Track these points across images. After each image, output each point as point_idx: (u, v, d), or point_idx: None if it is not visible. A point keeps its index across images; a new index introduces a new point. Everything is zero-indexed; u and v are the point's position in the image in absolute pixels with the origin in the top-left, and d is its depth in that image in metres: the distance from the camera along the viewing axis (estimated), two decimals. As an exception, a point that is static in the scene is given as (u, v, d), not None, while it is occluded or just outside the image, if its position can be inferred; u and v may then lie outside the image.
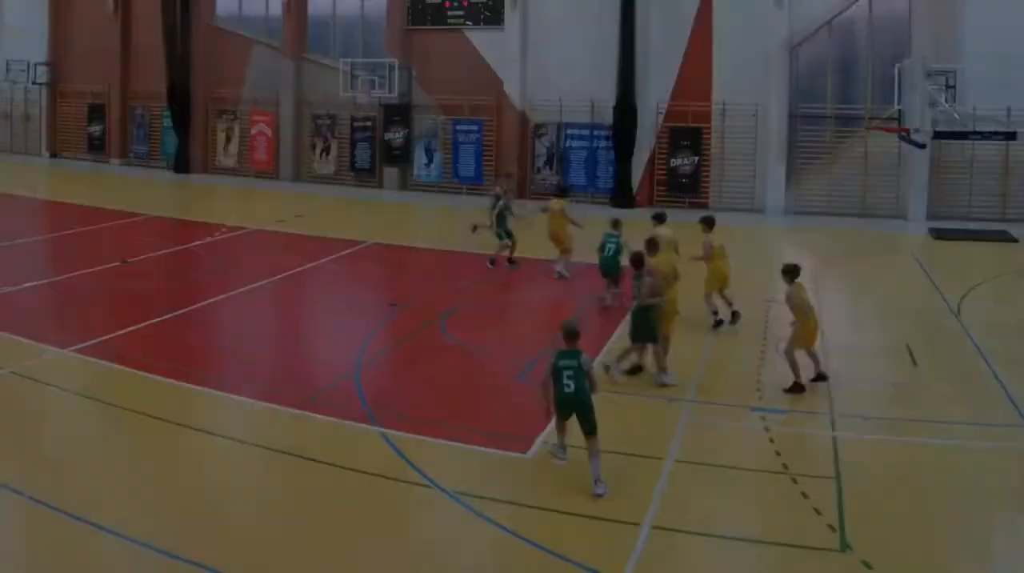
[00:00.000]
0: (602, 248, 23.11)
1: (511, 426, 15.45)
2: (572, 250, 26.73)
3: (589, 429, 13.35)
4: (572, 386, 13.38)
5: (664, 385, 17.47)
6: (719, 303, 21.60)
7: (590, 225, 26.44)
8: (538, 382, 14.19)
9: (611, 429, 14.30)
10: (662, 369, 17.78)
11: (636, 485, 13.26)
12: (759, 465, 14.04)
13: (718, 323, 21.34)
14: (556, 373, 13.48)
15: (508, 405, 16.75)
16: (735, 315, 21.60)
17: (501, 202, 28.00)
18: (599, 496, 12.90)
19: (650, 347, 17.94)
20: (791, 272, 17.62)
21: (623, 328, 19.78)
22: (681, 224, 24.17)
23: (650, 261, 18.35)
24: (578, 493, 12.93)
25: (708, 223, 22.08)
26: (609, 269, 23.19)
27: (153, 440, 14.82)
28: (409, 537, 11.95)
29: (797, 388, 17.12)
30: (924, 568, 11.37)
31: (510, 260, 27.98)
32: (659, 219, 22.81)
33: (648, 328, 17.61)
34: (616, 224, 23.58)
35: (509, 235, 27.83)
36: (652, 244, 18.96)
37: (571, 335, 13.79)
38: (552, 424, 14.15)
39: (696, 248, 21.78)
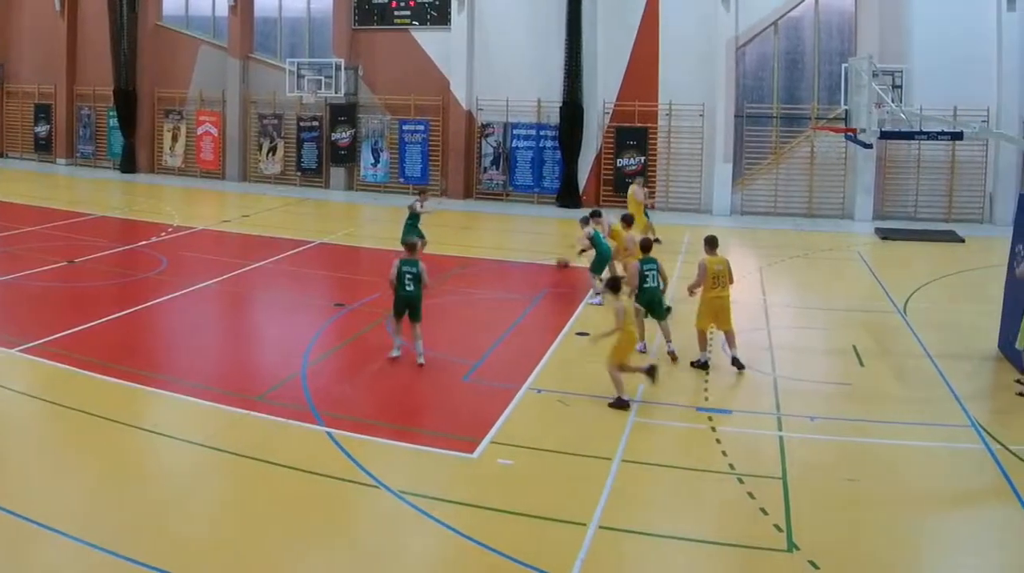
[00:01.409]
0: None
1: (458, 427, 14.87)
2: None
3: (417, 318, 17.74)
4: (412, 286, 17.62)
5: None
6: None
7: (539, 225, 26.28)
8: (387, 281, 17.87)
9: (559, 430, 14.57)
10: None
11: (583, 485, 12.80)
12: (706, 465, 13.57)
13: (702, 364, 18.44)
14: (399, 276, 17.57)
15: (455, 405, 16.16)
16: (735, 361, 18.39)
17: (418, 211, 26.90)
18: (422, 365, 17.24)
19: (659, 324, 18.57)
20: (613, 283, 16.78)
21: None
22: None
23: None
24: (526, 494, 12.56)
25: (586, 220, 22.25)
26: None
27: (99, 440, 14.20)
28: (356, 537, 11.68)
29: (620, 404, 15.70)
30: (870, 568, 10.93)
31: None
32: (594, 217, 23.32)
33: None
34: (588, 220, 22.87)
35: (421, 236, 25.98)
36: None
37: (410, 247, 18.43)
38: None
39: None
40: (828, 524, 11.85)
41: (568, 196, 40.49)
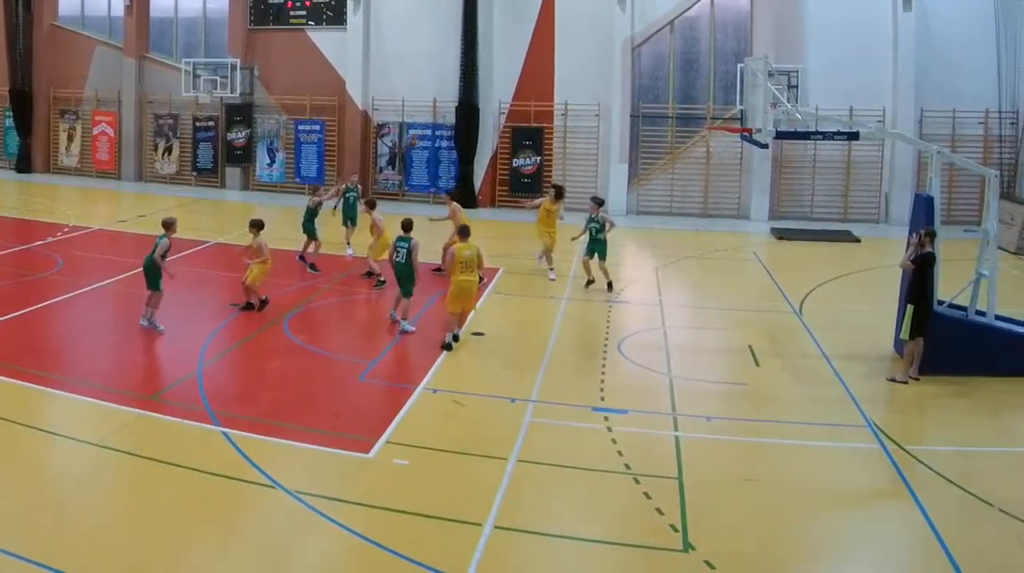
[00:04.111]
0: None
1: (354, 427, 13.87)
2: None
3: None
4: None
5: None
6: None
7: (435, 225, 24.36)
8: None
9: (454, 430, 13.86)
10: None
11: (479, 485, 11.99)
12: (602, 465, 12.67)
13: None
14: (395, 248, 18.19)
15: (351, 405, 14.97)
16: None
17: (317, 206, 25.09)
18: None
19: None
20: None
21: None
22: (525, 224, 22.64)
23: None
24: (421, 494, 11.72)
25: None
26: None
27: (-9, 439, 12.95)
28: (251, 537, 10.74)
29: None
30: (766, 567, 10.22)
31: (303, 257, 24.92)
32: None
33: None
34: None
35: (313, 234, 24.66)
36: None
37: (407, 226, 18.58)
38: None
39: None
40: (724, 524, 11.08)
41: (464, 196, 35.66)
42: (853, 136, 23.37)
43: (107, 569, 9.77)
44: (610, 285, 22.36)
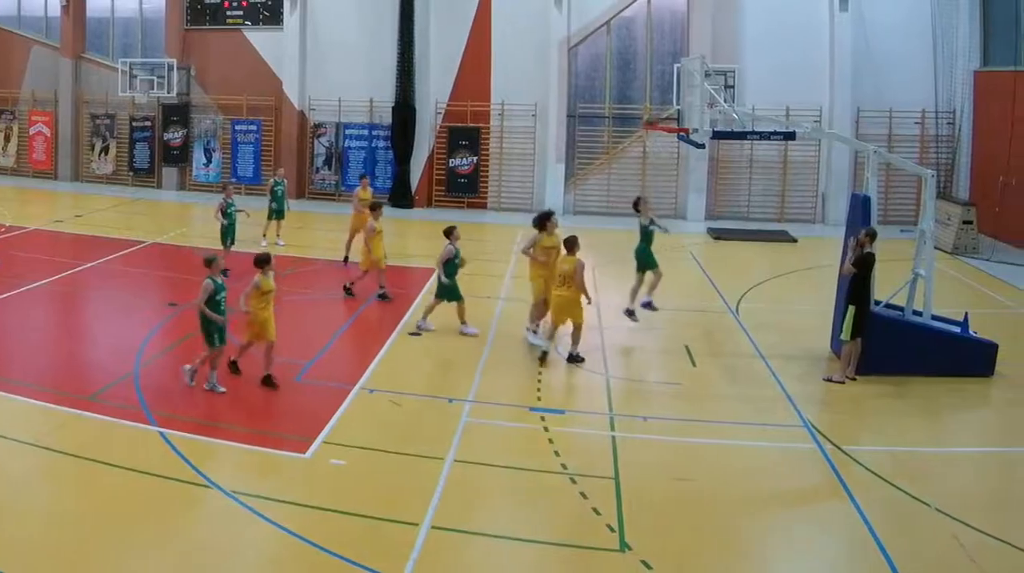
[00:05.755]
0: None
1: (291, 427, 13.31)
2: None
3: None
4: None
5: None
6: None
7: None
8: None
9: (391, 430, 13.22)
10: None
11: (416, 485, 11.28)
12: (538, 465, 12.08)
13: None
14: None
15: (287, 406, 14.32)
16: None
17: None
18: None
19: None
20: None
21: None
22: (461, 224, 20.31)
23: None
24: (358, 494, 11.15)
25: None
26: None
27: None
28: (189, 537, 10.11)
29: None
30: (703, 567, 9.78)
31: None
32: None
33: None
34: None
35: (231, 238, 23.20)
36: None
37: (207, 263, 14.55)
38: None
39: None
40: (660, 524, 10.67)
41: (401, 197, 34.04)
42: (790, 136, 22.27)
43: (42, 570, 9.39)
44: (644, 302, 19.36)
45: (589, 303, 16.23)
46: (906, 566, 9.60)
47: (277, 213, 25.69)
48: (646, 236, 19.03)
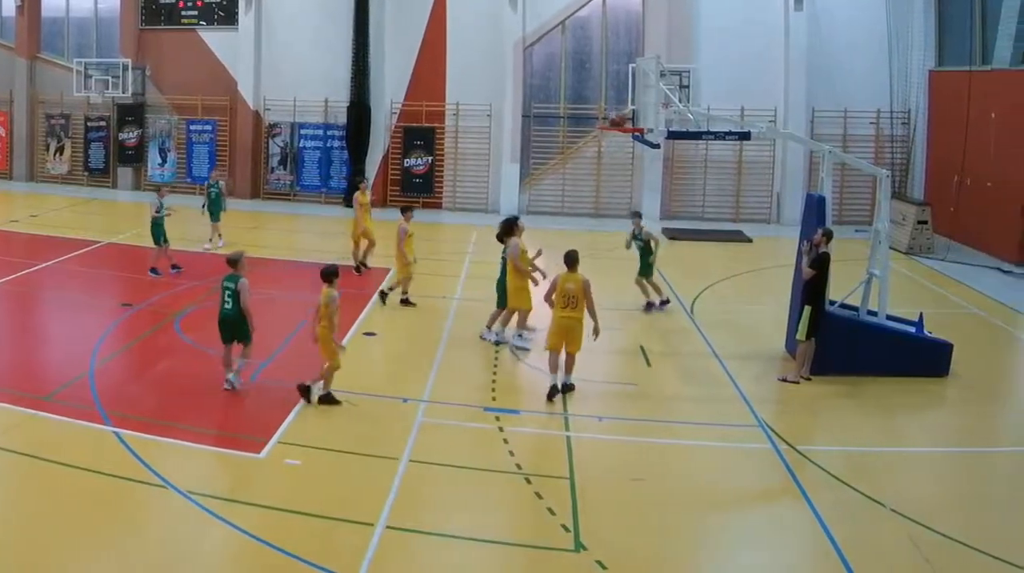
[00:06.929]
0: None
1: (245, 427, 12.88)
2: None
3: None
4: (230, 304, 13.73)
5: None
6: None
7: (326, 225, 24.01)
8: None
9: (346, 430, 12.74)
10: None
11: (371, 485, 10.95)
12: (493, 465, 11.65)
13: None
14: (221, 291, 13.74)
15: (242, 405, 13.78)
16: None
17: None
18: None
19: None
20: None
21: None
22: (416, 223, 20.48)
23: None
24: (313, 494, 10.73)
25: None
26: None
27: None
28: (143, 537, 9.79)
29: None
30: (658, 567, 9.57)
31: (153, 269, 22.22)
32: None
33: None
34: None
35: (162, 239, 22.35)
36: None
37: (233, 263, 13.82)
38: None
39: None
40: (615, 524, 10.23)
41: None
42: (744, 136, 21.27)
43: (-6, 571, 8.91)
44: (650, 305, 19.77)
45: (596, 337, 14.19)
46: (861, 566, 9.34)
47: (212, 215, 24.66)
48: (641, 249, 19.23)
